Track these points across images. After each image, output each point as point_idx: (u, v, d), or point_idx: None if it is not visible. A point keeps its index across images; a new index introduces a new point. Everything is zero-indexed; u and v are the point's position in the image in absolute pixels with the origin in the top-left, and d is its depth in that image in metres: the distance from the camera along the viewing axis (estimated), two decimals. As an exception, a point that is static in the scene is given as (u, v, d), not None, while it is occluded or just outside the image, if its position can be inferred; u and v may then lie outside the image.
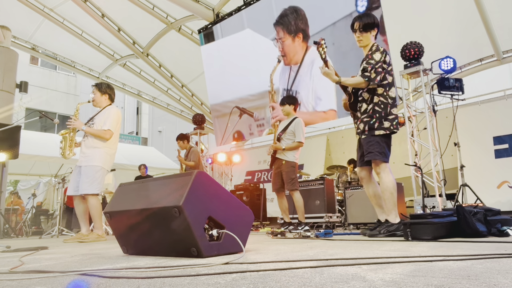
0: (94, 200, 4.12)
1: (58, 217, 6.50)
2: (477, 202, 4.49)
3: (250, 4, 7.14)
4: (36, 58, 16.83)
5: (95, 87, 4.39)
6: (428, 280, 1.06)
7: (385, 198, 3.13)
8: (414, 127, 5.18)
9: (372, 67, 3.06)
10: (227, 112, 4.35)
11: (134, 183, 2.40)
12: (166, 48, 9.04)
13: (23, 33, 9.00)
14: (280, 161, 4.46)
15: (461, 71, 6.63)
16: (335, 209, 5.48)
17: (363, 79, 3.06)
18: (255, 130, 4.17)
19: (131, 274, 1.43)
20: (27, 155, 8.47)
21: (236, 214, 2.10)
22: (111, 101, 4.44)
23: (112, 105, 4.42)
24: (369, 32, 3.18)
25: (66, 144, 4.17)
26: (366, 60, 3.14)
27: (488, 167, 5.95)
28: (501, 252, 1.70)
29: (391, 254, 1.75)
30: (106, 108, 4.35)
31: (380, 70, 3.06)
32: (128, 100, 20.75)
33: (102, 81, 9.58)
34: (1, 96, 6.87)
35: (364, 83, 3.07)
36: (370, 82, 3.05)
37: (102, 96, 4.37)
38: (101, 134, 4.15)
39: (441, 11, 6.20)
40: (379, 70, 3.06)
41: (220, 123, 4.59)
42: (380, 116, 3.11)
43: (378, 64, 3.07)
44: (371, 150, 3.10)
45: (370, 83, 3.05)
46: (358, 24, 3.20)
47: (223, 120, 4.49)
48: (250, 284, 1.10)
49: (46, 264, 1.89)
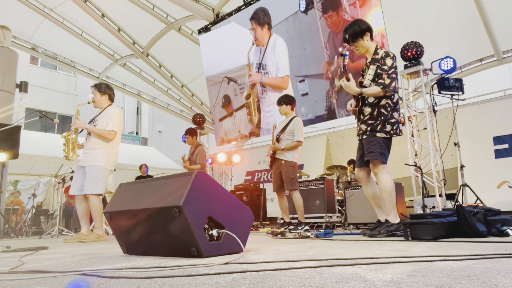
0: (96, 200, 4.12)
1: (58, 217, 6.50)
2: (477, 202, 4.49)
3: (250, 4, 7.15)
4: (36, 58, 16.83)
5: (94, 88, 4.40)
6: (428, 280, 1.06)
7: (384, 198, 3.13)
8: (414, 127, 5.19)
9: (386, 74, 3.06)
10: (218, 81, 6.39)
11: (134, 183, 2.40)
12: (166, 48, 9.04)
13: (23, 33, 9.00)
14: (279, 161, 4.46)
15: (461, 71, 6.63)
16: (335, 209, 5.48)
17: (379, 87, 3.04)
18: (238, 92, 5.95)
19: (131, 274, 1.43)
20: (27, 155, 8.46)
21: (236, 214, 2.10)
22: (111, 101, 4.44)
23: (112, 105, 4.43)
24: (360, 39, 3.19)
25: (69, 147, 4.18)
26: (375, 64, 3.13)
27: (488, 167, 5.95)
28: (501, 252, 1.70)
29: (391, 254, 1.75)
30: (107, 108, 4.35)
31: (394, 76, 3.06)
32: (128, 100, 20.74)
33: (101, 81, 9.56)
34: (1, 96, 6.87)
35: (381, 91, 3.06)
36: (386, 89, 3.04)
37: (102, 96, 4.37)
38: (105, 134, 4.16)
39: (441, 11, 6.20)
40: (393, 76, 3.06)
41: (214, 89, 6.60)
42: (384, 119, 3.12)
43: (391, 70, 3.07)
44: (372, 150, 3.10)
45: (386, 89, 3.04)
46: (347, 37, 3.22)
47: (216, 87, 6.54)
48: (250, 284, 1.10)
49: (46, 264, 1.89)
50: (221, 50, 6.16)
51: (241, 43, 5.71)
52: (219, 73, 6.21)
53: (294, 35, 5.22)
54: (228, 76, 5.91)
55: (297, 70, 5.30)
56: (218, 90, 6.27)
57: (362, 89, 3.10)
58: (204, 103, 10.25)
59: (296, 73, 5.25)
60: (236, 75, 5.92)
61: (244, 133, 6.22)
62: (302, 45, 5.23)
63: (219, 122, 6.56)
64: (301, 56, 5.28)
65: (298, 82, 5.29)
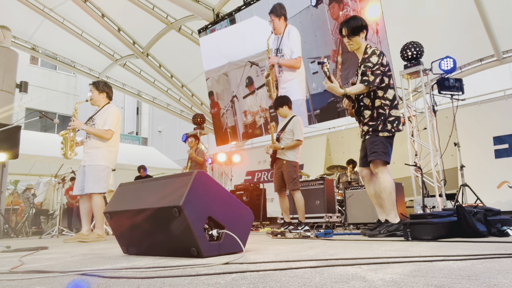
0: (98, 199, 4.12)
1: (58, 217, 6.50)
2: (477, 202, 4.49)
3: (250, 4, 7.15)
4: (36, 58, 16.83)
5: (92, 86, 4.39)
6: (428, 280, 1.06)
7: (384, 198, 3.14)
8: (414, 127, 5.19)
9: (370, 70, 3.07)
10: (242, 65, 7.42)
11: (134, 183, 2.40)
12: (166, 48, 9.04)
13: (23, 33, 9.00)
14: (281, 161, 4.46)
15: (461, 71, 6.63)
16: (335, 209, 5.48)
17: (363, 84, 3.07)
18: (260, 73, 7.04)
19: (131, 274, 1.43)
20: (27, 155, 8.46)
21: (236, 214, 2.10)
22: (109, 99, 4.43)
23: (111, 104, 4.42)
24: (357, 35, 3.19)
25: (67, 145, 4.17)
26: (363, 64, 3.15)
27: (488, 167, 5.95)
28: (501, 252, 1.70)
29: (391, 254, 1.75)
30: (105, 107, 4.34)
31: (378, 72, 3.07)
32: (128, 100, 20.73)
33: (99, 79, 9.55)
34: (1, 96, 6.87)
35: (365, 88, 3.07)
36: (369, 85, 3.06)
37: (100, 94, 4.36)
38: (102, 134, 4.16)
39: (441, 11, 6.20)
40: (377, 73, 3.07)
41: (239, 72, 7.52)
42: (384, 119, 3.13)
43: (375, 66, 3.08)
44: (375, 150, 3.11)
45: (370, 86, 3.06)
46: (346, 30, 3.21)
47: (240, 70, 7.51)
48: (250, 284, 1.10)
49: (46, 264, 1.89)
50: (241, 39, 7.33)
51: (259, 33, 6.94)
52: (243, 58, 7.40)
53: (306, 25, 6.39)
54: (250, 60, 7.18)
55: (309, 53, 6.47)
56: (242, 73, 7.35)
57: (346, 89, 3.11)
58: (204, 103, 10.25)
59: (308, 55, 6.46)
60: (258, 59, 7.16)
61: (264, 107, 7.25)
62: (313, 33, 6.36)
63: (243, 99, 7.51)
64: (312, 42, 6.42)
65: (310, 63, 6.49)
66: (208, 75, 8.09)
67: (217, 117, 7.94)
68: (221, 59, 7.69)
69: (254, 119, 7.06)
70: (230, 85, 7.47)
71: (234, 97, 7.20)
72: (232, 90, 7.25)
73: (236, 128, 7.69)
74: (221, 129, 8.01)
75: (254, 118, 7.00)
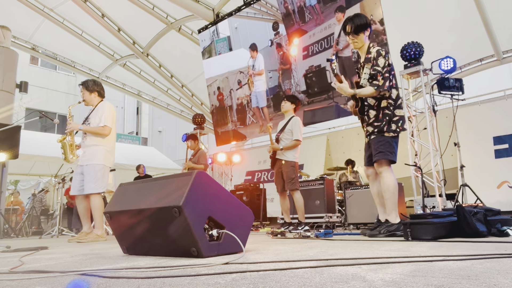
0: (97, 199, 4.12)
1: (58, 217, 6.50)
2: (477, 202, 4.49)
3: (250, 4, 7.15)
4: (36, 58, 16.82)
5: (82, 87, 4.34)
6: (428, 280, 1.06)
7: (386, 197, 3.14)
8: (414, 127, 5.18)
9: (381, 75, 3.06)
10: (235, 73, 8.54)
11: (134, 183, 2.40)
12: (166, 48, 9.04)
13: (23, 33, 9.00)
14: (280, 161, 4.46)
15: (461, 71, 6.63)
16: (335, 209, 5.48)
17: (373, 88, 3.06)
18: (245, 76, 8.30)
19: (131, 274, 1.43)
20: (27, 155, 8.46)
21: (236, 214, 2.10)
22: (101, 97, 4.39)
23: (104, 101, 4.39)
24: (362, 33, 3.19)
25: (66, 150, 4.15)
26: (367, 63, 3.14)
27: (488, 167, 5.95)
28: (501, 252, 1.70)
29: (391, 254, 1.75)
30: (98, 105, 4.32)
31: (387, 75, 3.07)
32: (128, 100, 20.72)
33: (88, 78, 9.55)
34: (1, 96, 6.87)
35: (375, 92, 3.06)
36: (379, 89, 3.05)
37: (91, 94, 4.32)
38: (100, 131, 4.15)
39: (441, 11, 6.20)
40: (386, 76, 3.07)
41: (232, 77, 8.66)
42: (389, 119, 3.14)
43: (384, 69, 3.08)
44: (381, 150, 3.11)
45: (380, 90, 3.05)
46: (350, 27, 3.20)
47: (234, 76, 8.62)
48: (250, 284, 1.10)
49: (46, 264, 1.89)
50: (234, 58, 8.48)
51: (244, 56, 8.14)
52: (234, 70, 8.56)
53: (266, 53, 7.73)
54: (240, 70, 8.40)
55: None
56: (235, 77, 8.55)
57: (356, 90, 3.11)
58: (204, 103, 10.26)
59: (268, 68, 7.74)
60: (243, 69, 8.30)
61: (247, 94, 8.35)
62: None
63: (236, 91, 8.60)
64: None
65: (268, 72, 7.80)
66: (209, 82, 8.98)
67: (221, 102, 8.89)
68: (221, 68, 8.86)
69: (241, 101, 8.29)
70: (229, 83, 8.56)
71: (231, 89, 8.61)
72: (230, 86, 8.49)
73: (232, 109, 8.89)
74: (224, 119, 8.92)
75: (241, 100, 8.26)
